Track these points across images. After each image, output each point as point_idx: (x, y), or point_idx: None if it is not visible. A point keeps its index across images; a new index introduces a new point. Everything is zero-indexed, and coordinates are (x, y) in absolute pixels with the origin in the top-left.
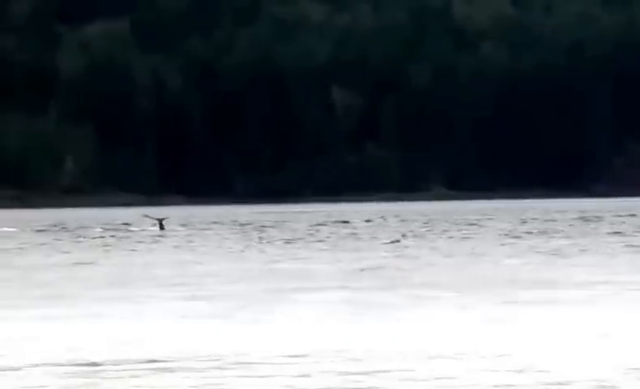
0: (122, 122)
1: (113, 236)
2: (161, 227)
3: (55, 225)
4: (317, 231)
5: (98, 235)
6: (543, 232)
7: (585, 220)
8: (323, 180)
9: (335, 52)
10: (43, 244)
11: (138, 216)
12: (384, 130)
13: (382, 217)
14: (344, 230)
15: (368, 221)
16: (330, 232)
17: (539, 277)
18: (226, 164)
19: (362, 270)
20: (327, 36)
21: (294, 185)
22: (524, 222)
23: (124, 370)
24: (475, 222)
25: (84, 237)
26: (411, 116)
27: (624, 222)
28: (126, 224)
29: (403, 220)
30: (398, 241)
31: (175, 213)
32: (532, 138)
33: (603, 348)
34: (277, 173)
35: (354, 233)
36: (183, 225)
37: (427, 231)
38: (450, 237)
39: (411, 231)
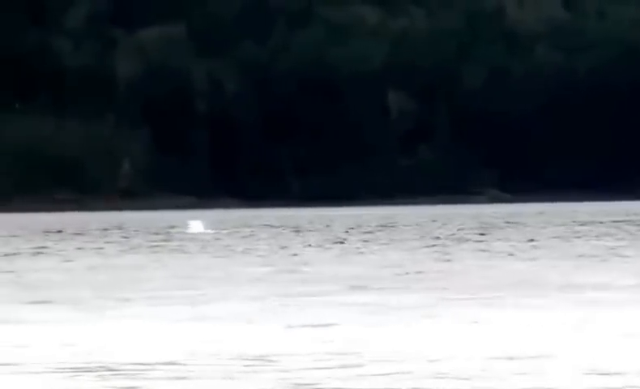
0: (178, 126)
1: (165, 239)
2: (206, 230)
3: (119, 228)
4: (370, 232)
5: (153, 237)
6: (605, 234)
7: (634, 223)
8: (377, 182)
9: (389, 55)
10: (100, 246)
11: (190, 220)
12: (438, 133)
13: (434, 220)
14: (397, 232)
15: (418, 224)
16: (383, 234)
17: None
18: (280, 167)
19: (438, 272)
20: (381, 39)
21: (348, 187)
22: (582, 224)
23: (209, 367)
24: (532, 224)
25: (140, 239)
26: (465, 119)
27: None
28: (174, 226)
29: (455, 223)
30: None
31: (229, 216)
32: (585, 141)
33: None
34: (331, 175)
35: (404, 238)
36: (232, 227)
37: (481, 233)
38: (507, 240)
39: (466, 233)
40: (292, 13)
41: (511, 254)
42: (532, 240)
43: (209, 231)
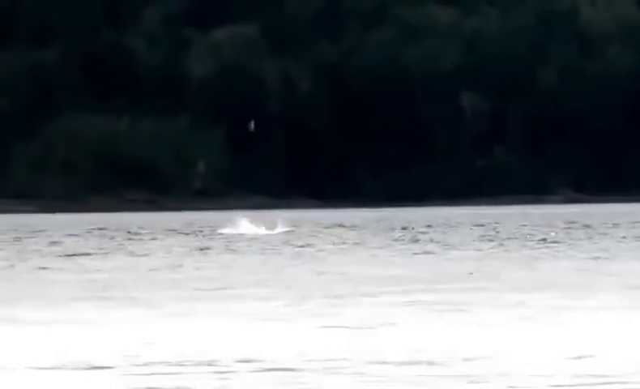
0: (252, 125)
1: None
2: (272, 230)
3: (192, 227)
4: (442, 232)
5: (226, 236)
6: None
7: None
8: (451, 183)
9: (463, 55)
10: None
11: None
12: (511, 134)
13: (509, 221)
14: (471, 231)
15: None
16: (459, 234)
17: None
18: (354, 167)
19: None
20: (455, 39)
21: (421, 188)
22: None
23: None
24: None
25: (211, 239)
26: (538, 119)
27: None
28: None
29: (531, 223)
30: (545, 240)
31: (303, 216)
32: None
33: None
34: (405, 176)
35: (478, 238)
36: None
37: (558, 233)
38: (581, 240)
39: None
40: (366, 13)
41: (597, 257)
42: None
43: (282, 230)
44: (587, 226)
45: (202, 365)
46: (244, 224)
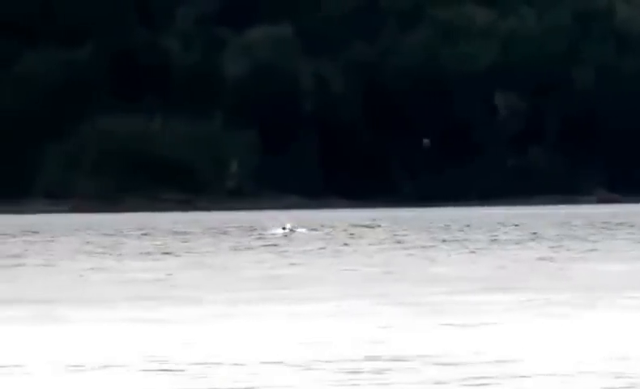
0: (286, 125)
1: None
2: (291, 231)
3: (225, 227)
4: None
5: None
6: None
7: None
8: (487, 183)
9: (499, 55)
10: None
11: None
12: (547, 134)
13: (544, 220)
14: (520, 232)
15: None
16: (503, 234)
17: None
18: (388, 167)
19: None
20: (491, 39)
21: (456, 187)
22: None
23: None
24: None
25: (240, 240)
26: (574, 119)
27: None
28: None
29: (569, 223)
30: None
31: (340, 215)
32: None
33: None
34: (440, 175)
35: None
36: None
37: (590, 234)
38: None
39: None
40: (402, 13)
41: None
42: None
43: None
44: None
45: (295, 365)
46: (288, 224)
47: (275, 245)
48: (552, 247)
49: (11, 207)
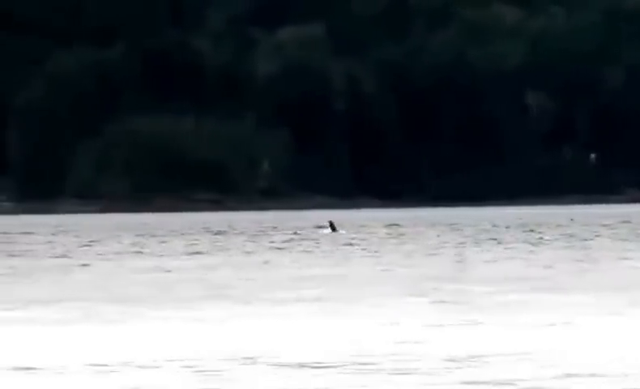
0: (317, 125)
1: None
2: (333, 229)
3: (263, 226)
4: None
5: (289, 237)
6: None
7: None
8: (517, 183)
9: (529, 55)
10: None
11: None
12: (578, 133)
13: (575, 220)
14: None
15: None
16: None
17: None
18: (419, 167)
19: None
20: (521, 39)
21: (487, 187)
22: None
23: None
24: None
25: (271, 240)
26: (605, 118)
27: None
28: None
29: (602, 223)
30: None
31: (373, 215)
32: None
33: None
34: (470, 175)
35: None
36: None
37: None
38: None
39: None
40: (431, 12)
41: None
42: None
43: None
44: None
45: (348, 364)
46: (333, 224)
47: (317, 243)
48: (589, 247)
49: (42, 206)
